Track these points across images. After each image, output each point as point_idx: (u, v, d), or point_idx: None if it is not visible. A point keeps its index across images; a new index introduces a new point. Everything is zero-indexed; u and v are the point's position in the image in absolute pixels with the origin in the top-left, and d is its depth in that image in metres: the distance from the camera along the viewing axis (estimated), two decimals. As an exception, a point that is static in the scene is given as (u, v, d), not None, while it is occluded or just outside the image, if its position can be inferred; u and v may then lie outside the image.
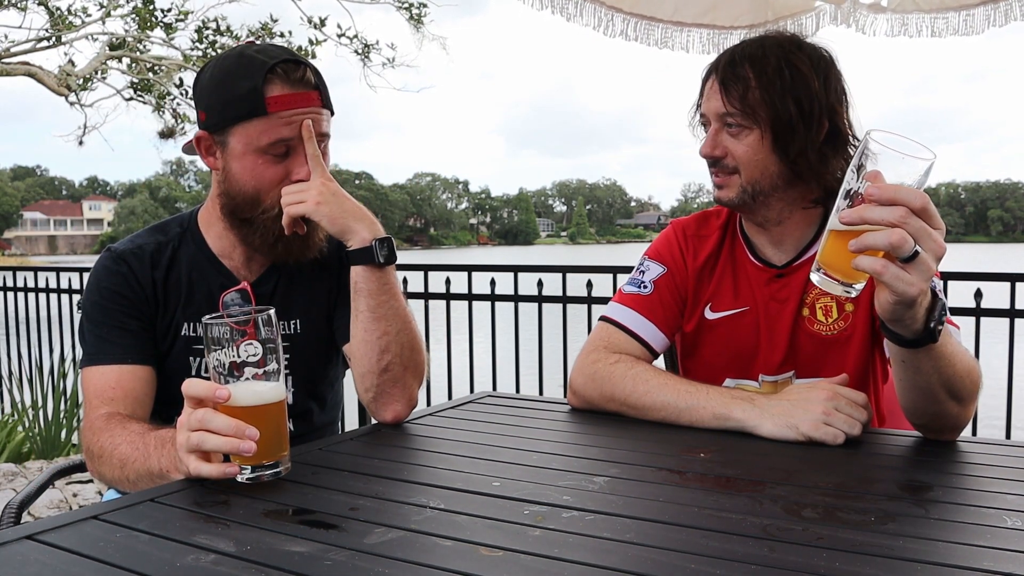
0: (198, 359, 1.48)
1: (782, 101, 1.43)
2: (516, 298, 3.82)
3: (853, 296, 1.11)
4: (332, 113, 1.48)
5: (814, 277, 1.10)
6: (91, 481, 3.80)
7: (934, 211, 1.03)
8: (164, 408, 1.48)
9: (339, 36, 8.68)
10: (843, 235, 1.05)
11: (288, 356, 1.51)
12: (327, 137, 1.45)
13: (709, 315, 1.59)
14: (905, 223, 1.00)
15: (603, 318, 1.61)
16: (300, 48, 8.33)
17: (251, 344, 1.08)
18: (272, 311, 1.10)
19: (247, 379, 1.08)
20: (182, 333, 1.47)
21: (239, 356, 1.08)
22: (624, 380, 1.45)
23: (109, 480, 1.31)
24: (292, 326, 1.53)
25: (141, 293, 1.45)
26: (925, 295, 1.08)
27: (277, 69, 1.38)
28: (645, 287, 1.60)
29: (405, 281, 3.15)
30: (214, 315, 1.09)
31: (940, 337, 1.13)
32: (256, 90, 1.36)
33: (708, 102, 1.50)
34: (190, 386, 1.09)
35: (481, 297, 3.91)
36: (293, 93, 1.38)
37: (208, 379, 1.40)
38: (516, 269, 3.86)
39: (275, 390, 1.10)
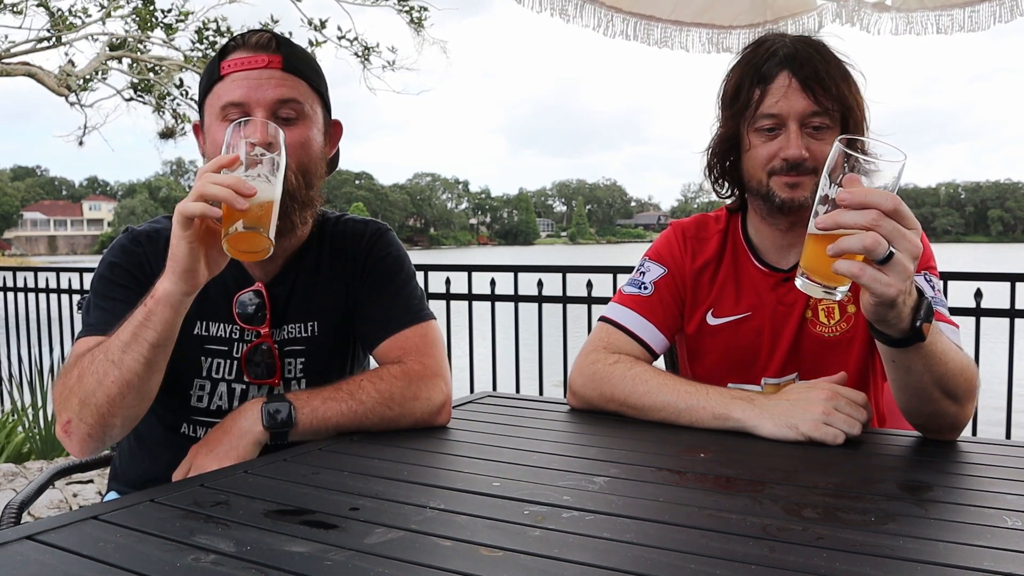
0: (211, 359, 1.44)
1: (854, 99, 1.44)
2: (516, 298, 3.82)
3: (837, 299, 1.13)
4: (316, 92, 1.43)
5: (797, 282, 1.12)
6: (91, 481, 3.80)
7: (907, 211, 1.04)
8: (170, 414, 1.45)
9: (339, 38, 8.67)
10: (821, 239, 1.07)
11: (304, 360, 1.49)
12: (292, 103, 1.38)
13: (711, 320, 1.59)
14: (877, 225, 1.02)
15: (603, 319, 1.61)
16: (300, 48, 8.30)
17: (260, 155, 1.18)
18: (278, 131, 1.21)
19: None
20: (194, 332, 1.43)
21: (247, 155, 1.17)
22: (624, 380, 1.45)
23: (92, 404, 1.22)
24: (310, 328, 1.49)
25: (152, 277, 1.38)
26: (908, 295, 1.09)
27: (240, 38, 1.39)
28: (645, 288, 1.60)
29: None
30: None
31: (929, 335, 1.13)
32: (215, 60, 1.39)
33: (787, 101, 1.42)
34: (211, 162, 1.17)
35: (481, 297, 3.91)
36: (245, 56, 1.37)
37: (219, 379, 1.46)
38: (516, 269, 3.86)
39: (276, 184, 1.19)
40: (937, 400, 1.21)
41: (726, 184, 1.60)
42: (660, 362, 1.77)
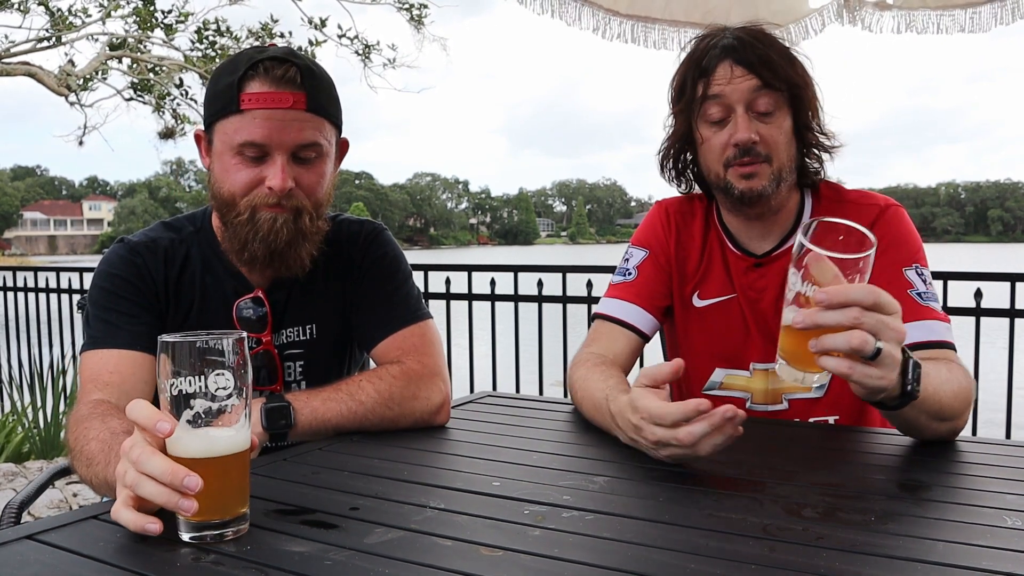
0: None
1: (803, 81, 1.43)
2: (516, 298, 3.82)
3: (817, 384, 1.11)
4: (335, 125, 1.39)
5: (778, 367, 1.08)
6: (91, 481, 3.80)
7: (887, 299, 1.01)
8: None
9: (339, 37, 8.68)
10: (800, 332, 1.02)
11: (303, 363, 1.49)
12: (312, 147, 1.34)
13: (697, 303, 1.58)
14: (861, 323, 0.98)
15: (594, 315, 1.63)
16: (300, 48, 8.33)
17: (222, 375, 0.87)
18: (244, 335, 0.91)
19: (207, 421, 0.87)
20: None
21: (206, 388, 0.86)
22: (575, 391, 1.46)
23: (81, 478, 1.17)
24: (308, 331, 1.50)
25: (153, 288, 1.40)
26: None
27: (260, 65, 1.31)
28: (630, 274, 1.61)
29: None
30: (182, 334, 0.88)
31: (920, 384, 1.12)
32: (233, 86, 1.31)
33: (730, 86, 1.41)
34: (133, 409, 0.89)
35: (481, 297, 3.91)
36: (269, 92, 1.30)
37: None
38: (516, 269, 3.86)
39: (239, 437, 0.89)
40: (935, 427, 1.22)
41: (684, 182, 1.60)
42: (657, 349, 1.77)
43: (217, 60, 8.09)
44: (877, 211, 1.47)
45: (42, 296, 5.25)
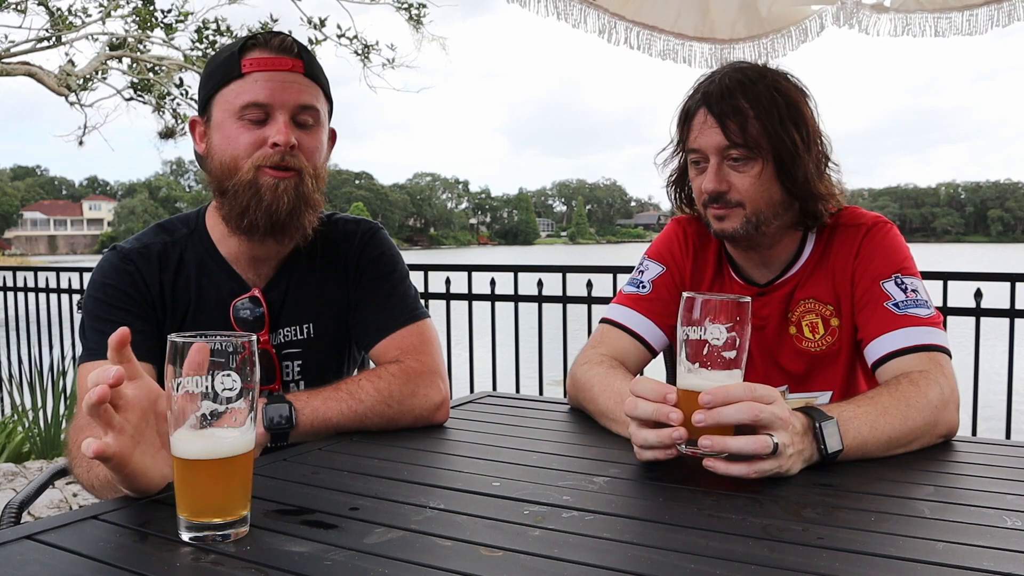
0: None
1: (783, 128, 1.42)
2: (516, 298, 3.82)
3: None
4: (328, 98, 1.45)
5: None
6: (91, 481, 3.80)
7: (763, 391, 1.07)
8: None
9: (339, 37, 8.70)
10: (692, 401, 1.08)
11: (301, 361, 1.50)
12: (311, 110, 1.39)
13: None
14: (759, 418, 1.04)
15: (602, 319, 1.62)
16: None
17: (228, 375, 0.86)
18: (253, 336, 0.90)
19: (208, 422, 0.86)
20: None
21: (212, 389, 0.85)
22: (586, 385, 1.45)
23: (83, 484, 1.19)
24: (305, 330, 1.50)
25: (148, 295, 1.41)
26: (800, 446, 1.09)
27: (259, 37, 1.39)
28: (644, 287, 1.61)
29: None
30: (188, 333, 0.88)
31: (847, 434, 1.14)
32: (233, 56, 1.37)
33: (703, 137, 1.44)
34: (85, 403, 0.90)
35: (481, 297, 3.91)
36: (269, 56, 1.37)
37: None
38: (516, 269, 3.86)
39: (244, 438, 0.88)
40: (900, 450, 1.22)
41: (691, 208, 1.62)
42: (660, 366, 1.76)
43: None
44: (864, 231, 1.49)
45: (42, 296, 5.25)
